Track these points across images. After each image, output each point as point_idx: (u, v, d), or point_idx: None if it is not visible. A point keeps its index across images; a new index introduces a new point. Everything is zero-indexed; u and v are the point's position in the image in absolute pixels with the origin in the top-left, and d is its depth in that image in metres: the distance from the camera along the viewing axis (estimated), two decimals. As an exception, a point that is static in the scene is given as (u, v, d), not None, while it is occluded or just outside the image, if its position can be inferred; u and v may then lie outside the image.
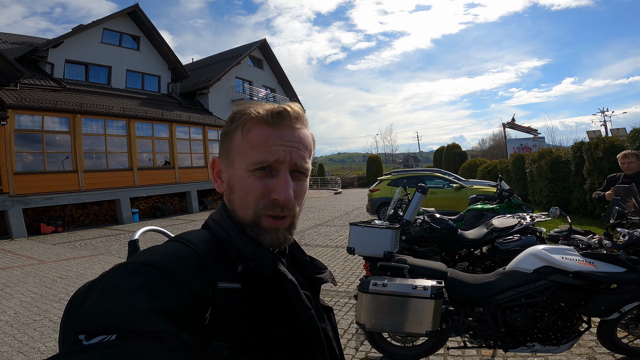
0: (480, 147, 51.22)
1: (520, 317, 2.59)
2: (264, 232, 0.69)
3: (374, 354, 3.33)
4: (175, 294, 0.53)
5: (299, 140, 0.70)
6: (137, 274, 0.54)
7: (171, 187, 16.27)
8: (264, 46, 25.24)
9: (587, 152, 9.02)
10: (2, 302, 5.15)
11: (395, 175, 11.50)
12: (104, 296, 0.52)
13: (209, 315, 0.58)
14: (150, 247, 0.64)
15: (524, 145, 21.70)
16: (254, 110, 0.70)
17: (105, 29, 17.03)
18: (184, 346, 0.50)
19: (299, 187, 0.71)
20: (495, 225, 4.61)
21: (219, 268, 0.63)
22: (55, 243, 10.33)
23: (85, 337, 0.47)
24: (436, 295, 2.43)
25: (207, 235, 0.69)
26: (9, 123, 11.49)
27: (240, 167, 0.69)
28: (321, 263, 0.85)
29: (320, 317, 0.77)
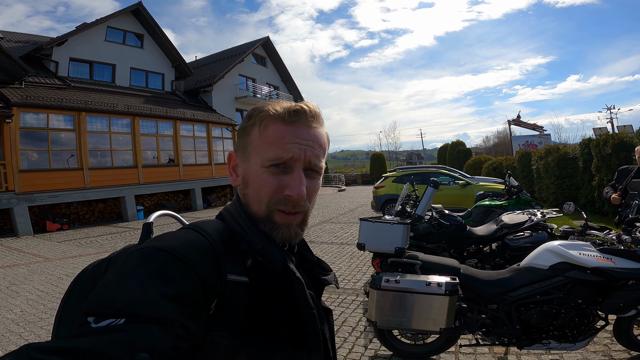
0: (484, 144, 51.01)
1: (536, 314, 2.53)
2: (277, 227, 0.70)
3: (384, 351, 3.28)
4: (188, 282, 0.54)
5: (314, 139, 0.71)
6: (154, 259, 0.55)
7: (175, 185, 16.28)
8: (267, 44, 25.17)
9: (595, 149, 8.91)
10: (9, 300, 5.13)
11: (401, 172, 11.43)
12: (118, 279, 0.53)
13: (215, 306, 0.59)
14: (166, 232, 0.64)
15: (530, 142, 21.53)
16: (271, 107, 0.70)
17: (109, 27, 17.03)
18: (188, 335, 0.51)
19: (311, 185, 0.72)
20: (505, 222, 4.54)
21: (230, 260, 0.64)
22: (61, 241, 10.35)
23: (94, 320, 0.47)
24: (451, 292, 2.38)
25: (221, 226, 0.70)
26: (14, 121, 11.51)
27: (256, 163, 0.70)
28: (327, 265, 0.86)
29: (321, 318, 0.77)
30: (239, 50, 24.14)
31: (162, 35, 18.78)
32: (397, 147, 54.20)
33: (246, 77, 23.45)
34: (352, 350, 3.37)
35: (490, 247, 4.74)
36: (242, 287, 0.63)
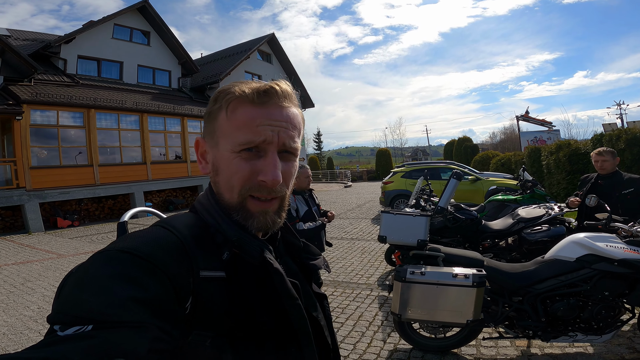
0: (490, 140, 50.69)
1: (563, 307, 2.52)
2: (251, 216, 0.66)
3: (403, 345, 3.28)
4: (155, 283, 0.52)
5: (287, 120, 0.67)
6: (115, 262, 0.52)
7: (183, 181, 16.35)
8: (272, 40, 25.13)
9: (608, 144, 8.81)
10: (25, 297, 5.17)
11: (409, 167, 11.39)
12: (79, 285, 0.50)
13: (190, 305, 0.56)
14: (132, 232, 0.62)
15: (539, 138, 21.35)
16: (238, 88, 0.66)
17: (115, 24, 17.05)
18: (166, 336, 0.49)
19: (287, 167, 0.69)
20: (522, 216, 4.51)
21: (203, 255, 0.60)
22: (72, 237, 10.44)
23: (60, 328, 0.46)
24: (478, 284, 2.36)
25: (193, 220, 0.67)
26: (25, 118, 11.60)
27: (226, 148, 0.66)
28: (315, 249, 0.82)
29: (313, 305, 0.75)
30: (245, 47, 24.12)
31: (168, 33, 18.78)
32: (402, 144, 54.13)
33: (252, 73, 23.43)
34: (371, 345, 3.37)
35: (506, 242, 4.71)
36: (218, 283, 0.60)
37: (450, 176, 3.48)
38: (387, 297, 4.52)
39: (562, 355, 2.90)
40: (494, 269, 2.65)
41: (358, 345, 3.36)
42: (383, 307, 4.23)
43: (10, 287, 5.65)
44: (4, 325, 4.14)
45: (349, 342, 3.44)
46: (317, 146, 57.98)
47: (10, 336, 3.85)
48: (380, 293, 4.68)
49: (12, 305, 4.80)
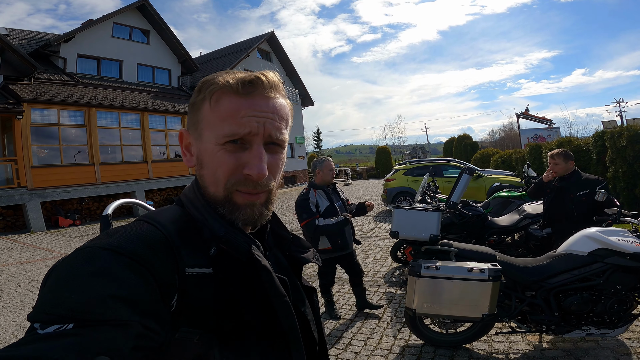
0: (489, 138, 50.76)
1: (576, 301, 2.53)
2: (237, 209, 0.65)
3: (414, 341, 3.29)
4: (137, 280, 0.50)
5: (274, 111, 0.65)
6: (96, 258, 0.51)
7: (184, 179, 16.31)
8: (272, 38, 25.06)
9: (609, 141, 8.84)
10: (31, 297, 5.15)
11: (411, 164, 11.40)
12: (59, 283, 0.49)
13: (176, 302, 0.55)
14: (115, 227, 0.60)
15: (539, 136, 21.35)
16: (222, 78, 0.64)
17: (115, 23, 16.97)
18: (151, 333, 0.49)
19: (274, 160, 0.67)
20: (529, 212, 4.53)
21: (189, 251, 0.59)
22: (74, 236, 10.42)
23: (40, 326, 0.45)
24: (494, 278, 2.37)
25: (178, 214, 0.65)
26: (25, 117, 11.56)
27: (210, 141, 0.64)
28: (306, 242, 0.80)
29: (301, 300, 0.74)
30: (244, 46, 24.06)
31: (167, 31, 18.71)
32: (401, 142, 54.11)
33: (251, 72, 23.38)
34: (382, 341, 3.38)
35: (512, 237, 4.73)
36: (205, 280, 0.58)
37: (461, 171, 3.47)
38: (395, 293, 4.53)
39: (574, 349, 2.91)
40: (507, 264, 2.66)
41: (369, 342, 3.37)
42: (391, 303, 4.24)
43: (15, 287, 5.64)
44: (12, 326, 4.14)
45: (359, 338, 3.45)
46: (317, 144, 57.94)
47: (19, 336, 3.84)
48: (388, 289, 4.69)
49: (18, 305, 4.80)
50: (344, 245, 3.68)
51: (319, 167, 3.70)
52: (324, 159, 3.76)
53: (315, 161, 3.78)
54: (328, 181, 3.68)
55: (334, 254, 3.68)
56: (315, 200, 3.56)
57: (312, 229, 3.48)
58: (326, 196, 3.63)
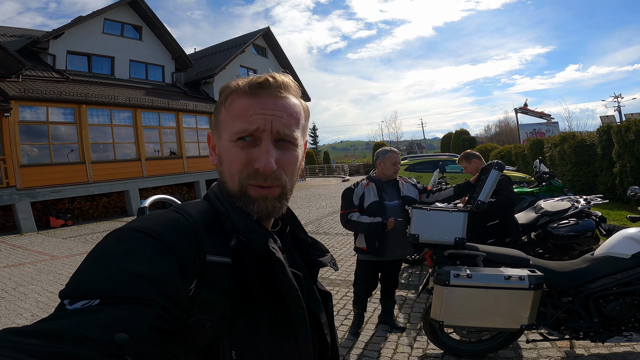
0: (485, 133, 50.71)
1: (619, 307, 2.29)
2: (252, 201, 0.67)
3: (433, 350, 3.04)
4: (163, 261, 0.53)
5: (282, 109, 0.68)
6: (128, 239, 0.54)
7: (179, 177, 15.99)
8: (267, 34, 24.67)
9: (616, 135, 8.66)
10: (17, 303, 4.83)
11: (412, 160, 11.15)
12: (92, 261, 0.52)
13: (194, 287, 0.57)
14: (147, 214, 0.63)
15: (537, 130, 21.25)
16: (235, 83, 0.70)
17: (106, 19, 16.53)
18: (167, 314, 0.50)
19: (285, 156, 0.69)
20: (547, 209, 4.29)
21: (212, 240, 0.61)
22: (66, 237, 10.07)
23: (69, 302, 0.47)
24: (536, 286, 2.12)
25: (205, 207, 0.68)
26: (13, 115, 11.17)
27: (226, 139, 0.69)
28: (323, 246, 0.82)
29: (316, 302, 0.75)
30: (240, 41, 23.66)
31: (160, 27, 18.29)
32: (398, 137, 53.88)
33: (247, 68, 23.00)
34: (397, 351, 3.13)
35: (528, 236, 4.50)
36: (223, 268, 0.61)
37: (488, 167, 3.13)
38: (405, 296, 4.28)
39: (609, 355, 2.69)
40: (542, 268, 2.41)
41: (383, 352, 3.12)
42: (403, 307, 3.99)
43: (1, 293, 5.32)
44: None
45: (372, 348, 3.19)
46: (313, 140, 57.62)
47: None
48: (398, 292, 4.43)
49: (3, 313, 4.47)
50: (380, 250, 3.19)
51: (380, 158, 3.26)
52: (388, 149, 3.28)
53: (378, 151, 3.34)
54: (389, 176, 3.24)
55: (370, 257, 3.26)
56: (362, 192, 3.20)
57: (344, 221, 3.20)
58: (377, 191, 3.21)
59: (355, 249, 3.39)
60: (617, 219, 7.16)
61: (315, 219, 10.33)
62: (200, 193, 16.58)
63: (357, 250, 3.33)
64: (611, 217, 7.33)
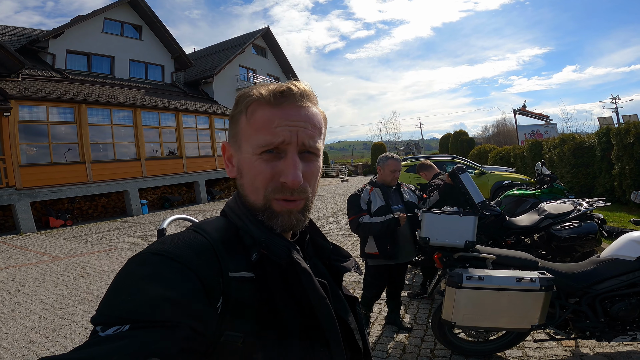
0: (483, 134, 50.89)
1: (624, 307, 2.35)
2: (276, 216, 0.66)
3: (441, 349, 3.09)
4: (186, 283, 0.53)
5: (306, 119, 0.67)
6: (148, 263, 0.55)
7: (179, 177, 15.97)
8: (267, 34, 24.72)
9: (616, 138, 8.73)
10: (22, 305, 4.82)
11: (412, 161, 11.20)
12: (117, 287, 0.53)
13: (221, 305, 0.57)
14: (166, 236, 0.63)
15: (536, 132, 21.38)
16: (256, 91, 0.67)
17: (106, 18, 16.56)
18: (197, 335, 0.50)
19: (309, 168, 0.68)
20: (549, 211, 4.33)
21: (232, 256, 0.61)
22: (66, 237, 10.05)
23: (101, 329, 0.49)
24: (547, 288, 2.17)
25: (222, 223, 0.68)
26: (13, 114, 11.13)
27: (247, 151, 0.67)
28: (345, 251, 0.82)
29: (343, 308, 0.74)
30: (239, 41, 23.69)
31: (160, 27, 18.30)
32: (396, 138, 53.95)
33: (247, 68, 23.05)
34: (405, 351, 3.17)
35: (531, 238, 4.54)
36: (247, 283, 0.60)
37: (457, 173, 3.16)
38: (411, 295, 4.32)
39: (614, 354, 2.75)
40: (551, 270, 2.46)
41: (391, 352, 3.16)
42: (409, 308, 4.03)
43: (5, 294, 5.31)
44: (4, 338, 3.82)
45: (380, 349, 3.23)
46: (311, 141, 57.60)
47: (13, 350, 3.54)
48: (402, 294, 4.47)
49: (9, 315, 4.47)
50: (393, 253, 3.22)
51: (380, 164, 3.32)
52: (389, 156, 3.34)
53: (379, 158, 3.39)
54: (388, 182, 3.31)
55: (380, 262, 3.28)
56: (368, 197, 3.22)
57: (355, 226, 3.17)
58: (383, 195, 3.25)
59: (363, 255, 3.38)
60: (617, 221, 7.23)
61: (315, 220, 10.27)
62: (200, 193, 16.58)
63: (367, 255, 3.32)
64: (610, 219, 7.40)
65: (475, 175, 10.52)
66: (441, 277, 2.61)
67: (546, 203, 4.60)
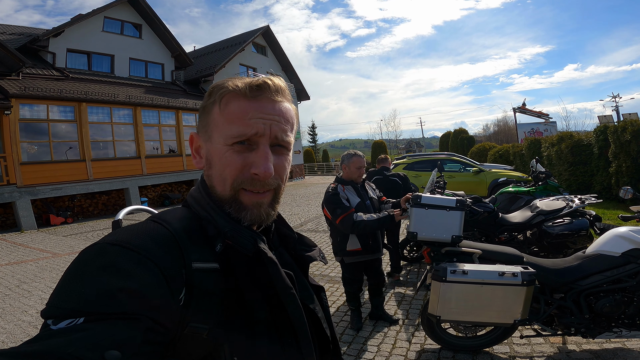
0: (484, 132, 50.80)
1: (609, 303, 2.38)
2: (244, 209, 0.66)
3: (430, 345, 3.13)
4: (145, 274, 0.51)
5: (280, 114, 0.68)
6: (105, 253, 0.52)
7: (179, 175, 16.05)
8: (267, 33, 24.70)
9: (613, 135, 8.75)
10: (21, 301, 4.89)
11: (411, 159, 11.24)
12: (70, 278, 0.50)
13: (184, 296, 0.55)
14: (124, 227, 0.62)
15: (535, 130, 21.36)
16: (232, 83, 0.67)
17: (106, 17, 16.56)
18: (160, 328, 0.49)
19: (280, 161, 0.69)
20: (542, 208, 4.37)
21: (196, 247, 0.60)
22: (66, 235, 10.13)
23: (52, 322, 0.46)
24: (528, 282, 2.20)
25: (185, 213, 0.67)
26: (13, 113, 11.21)
27: (219, 142, 0.66)
28: (311, 241, 0.82)
29: (309, 297, 0.75)
30: (239, 40, 23.68)
31: (160, 25, 18.30)
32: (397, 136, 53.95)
33: (247, 66, 23.04)
34: (396, 346, 3.21)
35: (524, 235, 4.58)
36: (212, 274, 0.59)
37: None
38: (404, 293, 4.37)
39: (601, 351, 2.78)
40: (535, 265, 2.50)
41: (382, 347, 3.20)
42: (401, 304, 4.08)
43: (5, 290, 5.39)
44: (3, 333, 3.89)
45: (372, 344, 3.27)
46: (312, 139, 57.71)
47: (10, 344, 3.61)
48: (396, 290, 4.52)
49: (8, 310, 4.54)
50: (375, 247, 3.30)
51: (345, 162, 3.34)
52: (353, 153, 3.36)
53: (343, 155, 3.42)
54: (355, 179, 3.32)
55: (363, 257, 3.34)
56: (345, 195, 3.21)
57: (349, 224, 3.01)
58: (356, 192, 3.28)
59: (341, 253, 3.35)
60: (613, 219, 7.25)
61: (314, 217, 10.41)
62: (200, 191, 16.62)
63: (348, 253, 3.31)
64: (606, 217, 7.42)
65: (473, 173, 10.55)
66: (428, 271, 2.66)
67: (539, 200, 4.63)
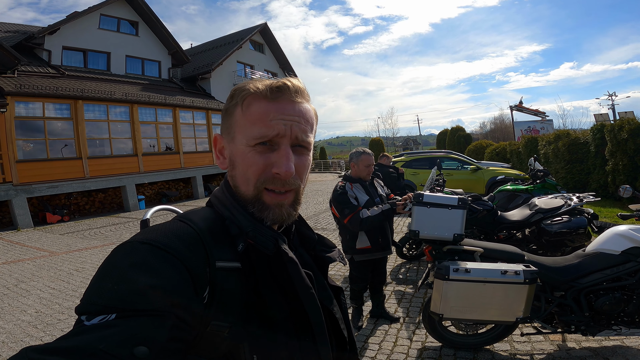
0: (480, 130, 50.96)
1: (609, 301, 2.41)
2: (267, 208, 0.68)
3: (432, 343, 3.14)
4: (173, 272, 0.53)
5: (300, 114, 0.69)
6: (135, 252, 0.54)
7: (176, 173, 15.98)
8: (264, 30, 24.61)
9: (609, 134, 8.81)
10: (20, 300, 4.86)
11: (409, 157, 11.26)
12: (102, 276, 0.52)
13: (208, 295, 0.57)
14: (152, 225, 0.64)
15: (532, 128, 21.45)
16: (253, 85, 0.69)
17: (102, 14, 16.41)
18: (184, 325, 0.51)
19: (301, 161, 0.70)
20: (540, 206, 4.40)
21: (219, 246, 0.62)
22: (63, 233, 10.07)
23: (86, 318, 0.48)
24: (530, 280, 2.22)
25: (209, 213, 0.68)
26: (9, 110, 11.10)
27: (241, 143, 0.68)
28: (330, 242, 0.83)
29: (328, 298, 0.76)
30: (237, 37, 23.58)
31: (157, 22, 18.17)
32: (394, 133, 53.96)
33: (244, 63, 22.95)
34: (397, 344, 3.23)
35: (523, 233, 4.61)
36: (234, 273, 0.61)
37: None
38: (404, 291, 4.39)
39: (600, 349, 2.81)
40: (537, 264, 2.52)
41: (384, 345, 3.22)
42: (401, 302, 4.09)
43: (3, 289, 5.35)
44: (2, 332, 3.86)
45: (373, 341, 3.29)
46: (309, 137, 57.52)
47: (10, 344, 3.58)
48: (396, 287, 4.54)
49: (7, 310, 4.51)
50: (385, 245, 3.31)
51: (354, 160, 3.33)
52: (362, 151, 3.35)
53: (351, 153, 3.41)
54: (363, 177, 3.32)
55: (373, 255, 3.33)
56: (353, 194, 3.20)
57: (357, 222, 3.05)
58: (364, 190, 3.27)
59: (351, 251, 3.35)
60: (609, 217, 7.31)
61: (313, 214, 10.42)
62: (197, 188, 16.61)
63: (357, 251, 3.31)
64: (603, 215, 7.48)
65: (470, 170, 10.58)
66: (430, 270, 2.67)
67: (537, 198, 4.66)
